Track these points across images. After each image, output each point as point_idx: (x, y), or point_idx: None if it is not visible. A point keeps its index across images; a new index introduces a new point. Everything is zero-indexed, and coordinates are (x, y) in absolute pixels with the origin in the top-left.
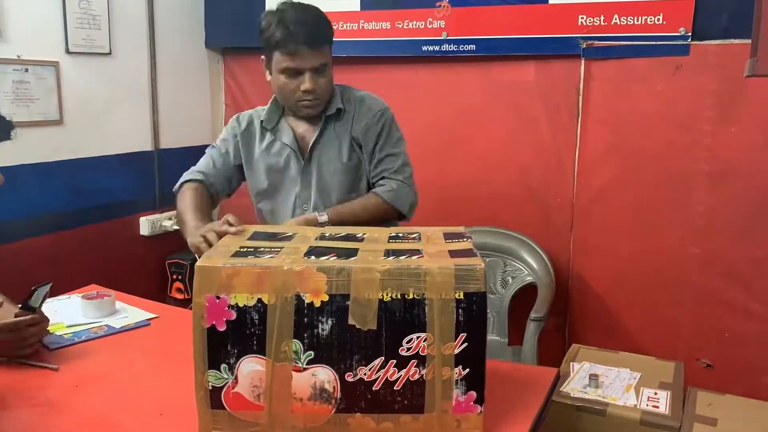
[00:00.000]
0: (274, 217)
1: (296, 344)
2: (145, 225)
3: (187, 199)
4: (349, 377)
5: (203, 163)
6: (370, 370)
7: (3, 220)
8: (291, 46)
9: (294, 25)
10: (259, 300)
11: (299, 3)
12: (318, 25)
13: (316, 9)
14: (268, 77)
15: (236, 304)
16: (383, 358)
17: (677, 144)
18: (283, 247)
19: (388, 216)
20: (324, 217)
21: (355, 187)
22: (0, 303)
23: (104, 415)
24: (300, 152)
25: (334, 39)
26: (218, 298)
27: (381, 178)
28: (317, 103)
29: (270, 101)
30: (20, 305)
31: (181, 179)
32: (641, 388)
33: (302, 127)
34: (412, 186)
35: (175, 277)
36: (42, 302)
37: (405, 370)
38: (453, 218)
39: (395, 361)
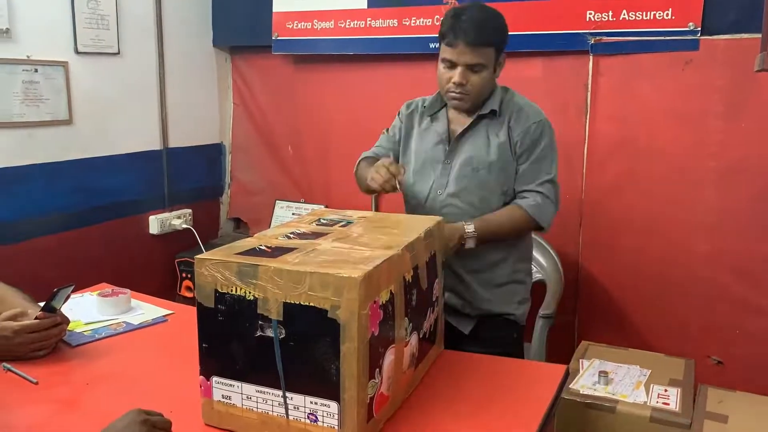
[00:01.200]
0: (414, 197)
1: (405, 321)
2: (155, 224)
3: (362, 167)
4: (420, 334)
5: (376, 145)
6: (427, 322)
7: (14, 220)
8: (451, 39)
9: (462, 21)
10: (390, 292)
11: (482, 4)
12: (484, 27)
13: (494, 13)
14: None
15: (382, 302)
16: (432, 307)
17: (686, 140)
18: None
19: (529, 228)
20: (470, 228)
21: (491, 187)
22: (23, 313)
23: (114, 412)
24: (447, 140)
25: (503, 42)
26: (374, 302)
27: (525, 190)
28: (465, 98)
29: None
30: (42, 305)
31: (358, 159)
32: (651, 385)
33: (457, 120)
34: (555, 201)
35: (184, 275)
36: (63, 303)
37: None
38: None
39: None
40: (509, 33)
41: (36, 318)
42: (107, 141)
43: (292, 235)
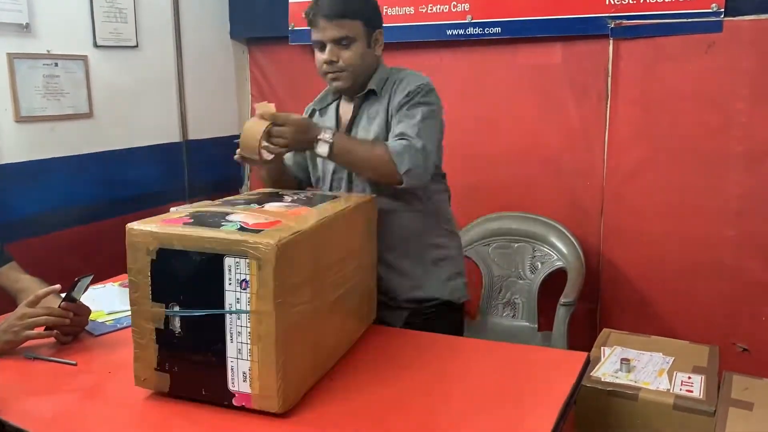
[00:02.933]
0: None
1: None
2: None
3: None
4: None
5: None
6: None
7: (37, 212)
8: (311, 17)
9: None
10: None
11: None
12: (342, 0)
13: None
14: None
15: None
16: None
17: (710, 124)
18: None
19: (386, 171)
20: (328, 134)
21: None
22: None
23: (136, 401)
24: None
25: (371, 16)
26: None
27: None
28: (341, 76)
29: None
30: (63, 296)
31: None
32: (674, 373)
33: (344, 108)
34: (425, 156)
35: None
36: (83, 293)
37: None
38: (480, 204)
39: None
40: (524, 19)
41: (59, 307)
42: (127, 134)
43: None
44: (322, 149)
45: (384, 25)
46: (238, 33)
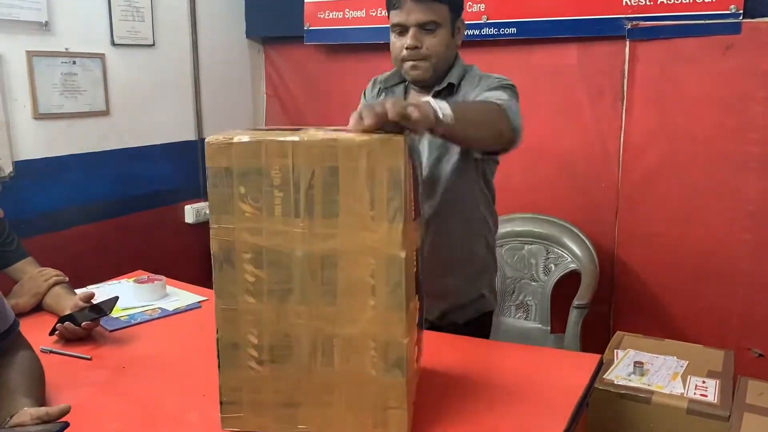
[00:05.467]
0: None
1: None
2: (190, 213)
3: None
4: None
5: None
6: None
7: (54, 209)
8: (396, 0)
9: None
10: None
11: None
12: None
13: None
14: None
15: None
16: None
17: (727, 126)
18: None
19: (504, 127)
20: (447, 112)
21: (460, 173)
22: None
23: (148, 395)
24: None
25: (458, 1)
26: None
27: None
28: (423, 65)
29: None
30: (92, 303)
31: None
32: (688, 377)
33: (414, 99)
34: (518, 116)
35: None
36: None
37: None
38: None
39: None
40: (540, 19)
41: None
42: (143, 131)
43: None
44: (447, 118)
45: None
46: (254, 32)
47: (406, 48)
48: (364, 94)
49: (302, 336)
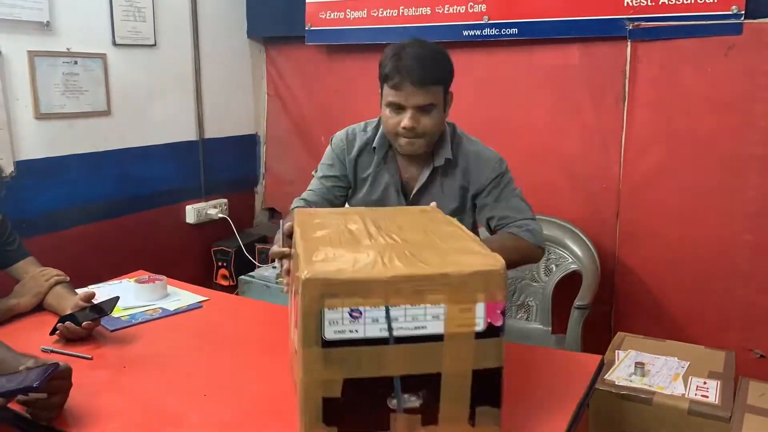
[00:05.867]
0: None
1: None
2: (191, 213)
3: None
4: None
5: (308, 189)
6: None
7: (55, 209)
8: (396, 81)
9: (406, 60)
10: None
11: (422, 41)
12: (430, 65)
13: (438, 48)
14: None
15: None
16: None
17: (729, 127)
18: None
19: (530, 254)
20: None
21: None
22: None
23: (149, 395)
24: (401, 190)
25: (451, 79)
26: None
27: (509, 224)
28: (418, 142)
29: (378, 125)
30: (93, 303)
31: (291, 207)
32: (690, 377)
33: (409, 171)
34: (537, 221)
35: (220, 264)
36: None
37: None
38: None
39: None
40: (541, 20)
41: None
42: (145, 132)
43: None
44: None
45: (400, 25)
46: (255, 32)
47: (404, 127)
48: (332, 146)
49: None
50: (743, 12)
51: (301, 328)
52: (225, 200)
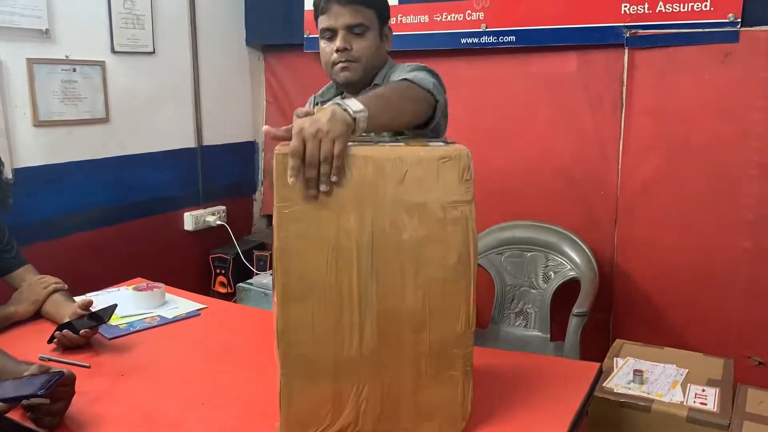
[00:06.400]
0: None
1: None
2: (189, 220)
3: None
4: None
5: None
6: None
7: (53, 216)
8: (323, 4)
9: None
10: None
11: None
12: None
13: None
14: None
15: None
16: None
17: (726, 134)
18: None
19: (422, 96)
20: (358, 107)
21: None
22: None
23: (148, 403)
24: None
25: (384, 7)
26: None
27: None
28: (353, 66)
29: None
30: (90, 311)
31: None
32: (688, 385)
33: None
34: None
35: (218, 271)
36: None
37: None
38: (493, 212)
39: None
40: (539, 28)
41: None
42: (143, 139)
43: None
44: (360, 113)
45: (399, 33)
46: (254, 40)
47: (336, 51)
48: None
49: None
50: (740, 20)
51: None
52: (223, 207)
